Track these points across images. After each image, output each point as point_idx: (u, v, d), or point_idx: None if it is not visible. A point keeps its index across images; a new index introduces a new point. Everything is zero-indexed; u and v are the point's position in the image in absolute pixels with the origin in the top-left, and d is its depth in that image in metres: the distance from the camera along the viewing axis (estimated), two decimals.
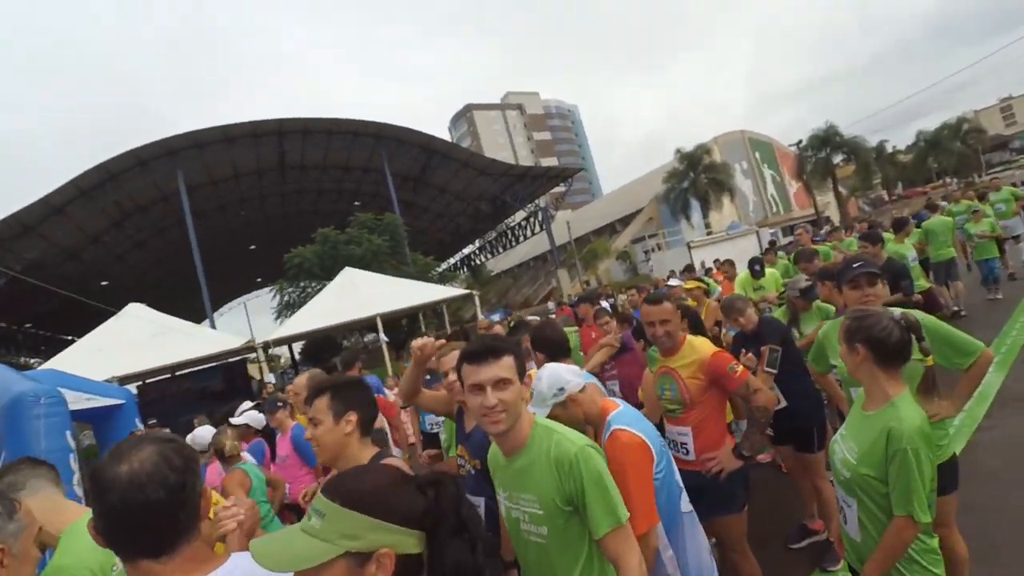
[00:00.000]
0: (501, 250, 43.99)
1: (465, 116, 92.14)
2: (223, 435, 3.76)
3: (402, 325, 23.05)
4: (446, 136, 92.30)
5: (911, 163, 52.83)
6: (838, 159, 36.58)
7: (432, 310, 18.08)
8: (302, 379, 3.25)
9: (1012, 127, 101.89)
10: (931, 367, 1.84)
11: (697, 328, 4.26)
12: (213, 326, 24.39)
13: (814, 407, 3.32)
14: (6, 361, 25.09)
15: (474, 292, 16.03)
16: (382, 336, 12.58)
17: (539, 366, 2.95)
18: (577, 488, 1.50)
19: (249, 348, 12.64)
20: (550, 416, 1.83)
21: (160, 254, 32.37)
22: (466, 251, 47.77)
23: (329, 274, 16.87)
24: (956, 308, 7.90)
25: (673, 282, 5.95)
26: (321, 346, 25.31)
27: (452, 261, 49.07)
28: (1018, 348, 5.86)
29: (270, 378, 12.24)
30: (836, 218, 35.68)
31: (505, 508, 1.72)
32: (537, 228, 36.42)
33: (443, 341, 2.30)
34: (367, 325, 13.30)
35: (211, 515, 2.21)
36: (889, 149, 50.57)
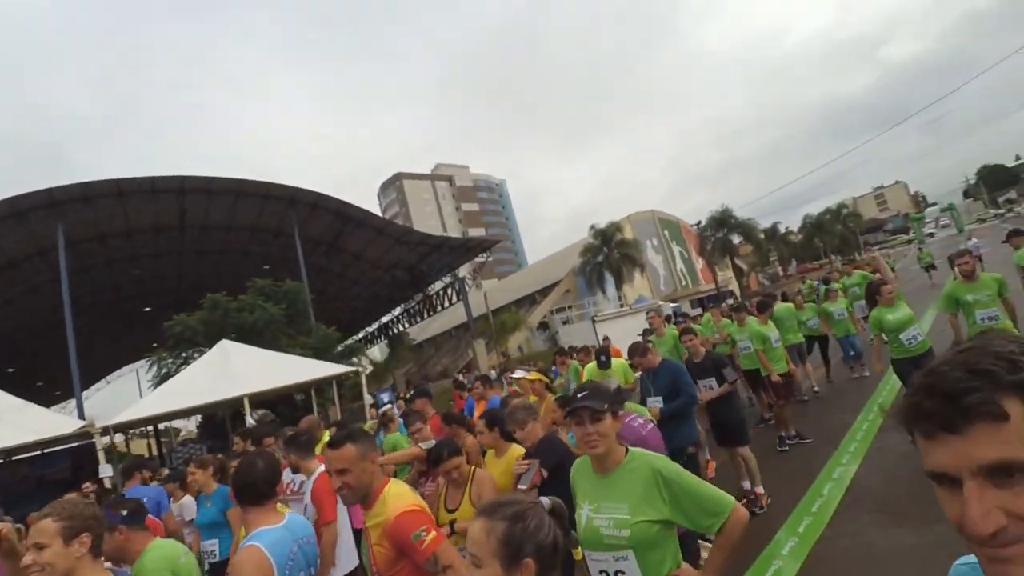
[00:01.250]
0: (420, 319, 43.04)
1: (394, 184, 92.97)
2: None
3: (297, 401, 21.24)
4: (375, 203, 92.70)
5: (801, 243, 58.78)
6: (737, 239, 39.78)
7: (331, 385, 16.77)
8: None
9: (885, 212, 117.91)
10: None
11: (508, 436, 3.82)
12: (80, 401, 21.45)
13: None
14: None
15: (360, 369, 14.95)
16: (249, 420, 11.24)
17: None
18: None
19: (85, 434, 10.83)
20: None
21: (29, 315, 28.81)
22: (384, 319, 46.35)
23: (214, 344, 15.34)
24: (814, 388, 8.25)
25: (518, 374, 5.58)
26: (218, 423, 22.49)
27: (369, 329, 47.31)
28: (872, 437, 5.72)
29: (106, 470, 10.41)
30: (738, 291, 38.15)
31: None
32: (455, 298, 36.09)
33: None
34: (236, 407, 11.80)
35: None
36: (783, 230, 56.20)
